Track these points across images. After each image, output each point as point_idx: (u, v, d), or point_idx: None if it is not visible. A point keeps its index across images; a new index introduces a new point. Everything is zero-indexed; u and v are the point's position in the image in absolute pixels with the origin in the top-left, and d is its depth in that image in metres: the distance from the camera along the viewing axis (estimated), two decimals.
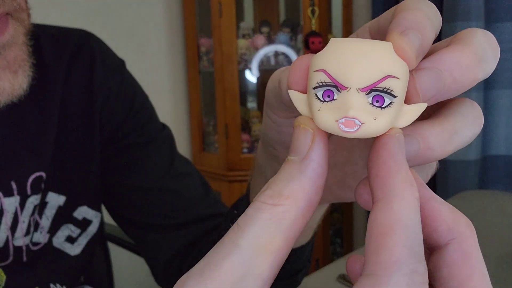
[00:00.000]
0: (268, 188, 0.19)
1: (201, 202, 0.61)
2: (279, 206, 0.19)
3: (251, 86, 1.90)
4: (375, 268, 0.17)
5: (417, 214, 0.18)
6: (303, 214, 0.19)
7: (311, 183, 0.19)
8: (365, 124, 0.19)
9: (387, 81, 0.19)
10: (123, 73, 0.62)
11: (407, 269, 0.17)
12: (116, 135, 0.59)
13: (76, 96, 0.56)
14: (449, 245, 0.19)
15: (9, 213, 0.51)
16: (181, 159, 0.63)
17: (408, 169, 0.18)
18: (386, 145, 0.19)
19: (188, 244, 0.59)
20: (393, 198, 0.18)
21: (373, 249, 0.17)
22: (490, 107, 1.24)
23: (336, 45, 0.20)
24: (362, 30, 0.25)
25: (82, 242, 0.59)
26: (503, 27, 1.21)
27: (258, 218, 0.19)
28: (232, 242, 0.18)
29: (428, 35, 0.20)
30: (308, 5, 1.59)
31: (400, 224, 0.17)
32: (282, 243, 0.19)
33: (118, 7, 1.63)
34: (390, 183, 0.18)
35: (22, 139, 0.53)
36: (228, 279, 0.18)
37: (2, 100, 0.40)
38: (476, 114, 0.22)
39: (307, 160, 0.19)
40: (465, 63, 0.20)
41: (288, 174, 0.19)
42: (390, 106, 0.19)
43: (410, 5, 0.21)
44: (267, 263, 0.18)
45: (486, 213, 1.05)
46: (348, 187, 0.30)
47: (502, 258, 0.78)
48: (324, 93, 0.19)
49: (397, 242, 0.17)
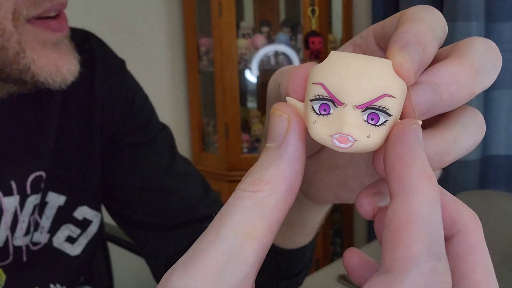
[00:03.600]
0: (248, 176, 0.20)
1: (201, 202, 0.61)
2: (259, 192, 0.19)
3: (251, 86, 1.89)
4: (391, 265, 0.16)
5: (437, 209, 0.17)
6: (285, 198, 0.19)
7: (289, 167, 0.19)
8: (358, 141, 0.19)
9: (384, 100, 0.19)
10: (123, 73, 0.62)
11: (425, 267, 0.16)
12: (116, 134, 0.59)
13: (76, 96, 0.56)
14: (454, 237, 0.19)
15: (8, 213, 0.51)
16: (181, 159, 0.63)
17: (426, 161, 0.18)
18: (401, 137, 0.18)
19: (189, 244, 0.59)
20: (410, 192, 0.17)
21: (389, 245, 0.17)
22: (490, 107, 1.24)
23: (336, 59, 0.20)
24: (366, 34, 0.25)
25: (82, 242, 0.59)
26: (503, 27, 1.21)
27: (240, 206, 0.19)
28: (215, 231, 0.18)
29: (429, 50, 0.20)
30: (308, 5, 1.59)
31: (418, 219, 0.17)
32: (265, 228, 0.19)
33: (118, 6, 1.63)
34: (407, 177, 0.17)
35: (21, 139, 0.53)
36: (213, 267, 0.18)
37: (69, 80, 0.47)
38: (477, 122, 0.22)
39: (284, 144, 0.20)
40: (462, 77, 0.19)
41: (267, 160, 0.20)
42: (384, 124, 0.19)
43: (414, 16, 0.21)
44: (252, 249, 0.18)
45: (486, 213, 1.04)
46: (350, 188, 0.30)
47: (503, 258, 0.78)
48: (320, 107, 0.20)
49: (414, 237, 0.16)
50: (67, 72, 0.47)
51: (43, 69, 0.45)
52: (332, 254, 1.88)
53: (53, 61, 0.46)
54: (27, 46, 0.44)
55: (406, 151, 0.18)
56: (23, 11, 0.43)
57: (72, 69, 0.47)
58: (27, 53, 0.44)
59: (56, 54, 0.46)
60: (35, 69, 0.45)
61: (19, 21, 0.43)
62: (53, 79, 0.46)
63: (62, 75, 0.46)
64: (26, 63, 0.44)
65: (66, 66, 0.47)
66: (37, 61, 0.44)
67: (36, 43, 0.45)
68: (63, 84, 0.47)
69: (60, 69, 0.46)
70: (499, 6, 1.20)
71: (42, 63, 0.45)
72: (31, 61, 0.44)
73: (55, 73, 0.46)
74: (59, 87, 0.46)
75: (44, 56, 0.45)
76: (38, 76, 0.45)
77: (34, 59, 0.44)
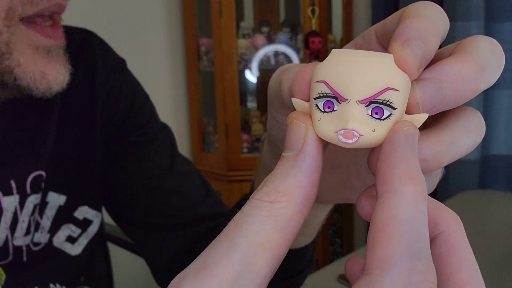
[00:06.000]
0: (265, 186, 0.19)
1: (202, 202, 0.61)
2: (276, 203, 0.19)
3: (251, 86, 1.89)
4: (370, 267, 0.16)
5: (419, 209, 0.17)
6: (300, 210, 0.19)
7: (306, 178, 0.19)
8: (364, 136, 0.19)
9: (387, 93, 0.19)
10: (124, 72, 0.62)
11: (403, 267, 0.16)
12: (116, 134, 0.59)
13: (77, 95, 0.56)
14: (436, 239, 0.19)
15: (8, 212, 0.51)
16: (182, 159, 0.63)
17: (413, 163, 0.18)
18: (391, 139, 0.19)
19: (189, 244, 0.59)
20: (390, 193, 0.17)
21: (369, 247, 0.17)
22: (490, 107, 1.24)
23: (337, 57, 0.20)
24: (367, 34, 0.25)
25: (83, 242, 0.59)
26: (503, 27, 1.21)
27: (255, 215, 0.19)
28: (230, 240, 0.18)
29: (431, 44, 0.20)
30: (308, 5, 1.59)
31: (396, 220, 0.17)
32: (279, 240, 0.18)
33: (117, 6, 1.63)
34: (389, 178, 0.18)
35: (21, 138, 0.53)
36: (225, 276, 0.18)
37: (55, 89, 0.45)
38: (476, 123, 0.21)
39: (302, 155, 0.20)
40: (467, 74, 0.19)
41: (284, 170, 0.19)
42: (389, 118, 0.19)
43: (415, 11, 0.21)
44: (265, 260, 0.18)
45: (486, 213, 1.05)
46: (353, 188, 0.30)
47: (502, 258, 0.78)
48: (324, 104, 0.20)
49: (392, 238, 0.16)
50: (53, 80, 0.45)
51: (27, 73, 0.43)
52: (332, 254, 1.88)
53: (40, 67, 0.44)
54: (17, 47, 0.42)
55: (392, 153, 0.18)
56: (18, 9, 0.41)
57: (60, 79, 0.45)
58: (13, 55, 0.42)
59: (45, 60, 0.44)
60: (19, 72, 0.43)
61: (13, 20, 0.41)
62: (37, 85, 0.44)
63: (48, 83, 0.44)
64: (9, 65, 0.42)
65: (53, 74, 0.45)
66: (23, 65, 0.42)
67: (28, 46, 0.43)
68: (47, 92, 0.44)
69: (46, 76, 0.44)
70: (499, 6, 1.20)
71: (28, 67, 0.43)
72: (16, 64, 0.42)
73: (40, 80, 0.44)
74: (43, 95, 0.45)
75: (33, 61, 0.43)
76: (20, 80, 0.43)
77: (19, 62, 0.42)
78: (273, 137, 0.31)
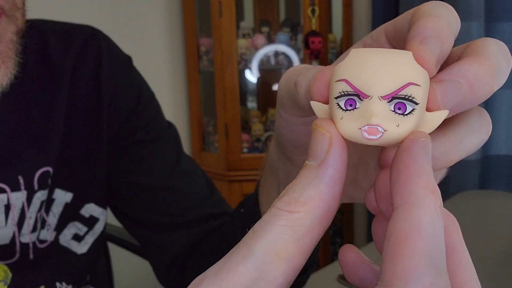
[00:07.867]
0: (286, 194, 0.19)
1: (206, 201, 0.60)
2: (295, 213, 0.19)
3: (251, 86, 1.89)
4: (391, 279, 0.16)
5: (439, 224, 0.17)
6: (320, 222, 0.19)
7: (328, 189, 0.19)
8: (388, 131, 0.19)
9: (409, 89, 0.19)
10: (130, 69, 0.61)
11: (426, 281, 0.16)
12: (122, 131, 0.59)
13: (83, 92, 0.56)
14: None
15: (16, 208, 0.51)
16: (187, 158, 0.63)
17: (431, 175, 0.18)
18: (409, 149, 0.18)
19: (193, 243, 0.59)
20: (413, 205, 0.17)
21: (389, 258, 0.17)
22: (490, 107, 1.24)
23: (356, 55, 0.20)
24: (376, 33, 0.25)
25: (89, 241, 0.59)
26: (503, 27, 1.21)
27: (274, 225, 0.18)
28: (247, 248, 0.18)
29: (447, 43, 0.20)
30: (308, 5, 1.59)
31: (420, 232, 0.16)
32: (296, 250, 0.18)
33: (118, 6, 1.63)
34: (410, 189, 0.17)
35: (29, 134, 0.53)
36: (241, 283, 0.18)
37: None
38: (483, 121, 0.22)
39: (325, 165, 0.19)
40: (483, 76, 0.20)
41: (305, 180, 0.19)
42: (412, 113, 0.19)
43: (429, 11, 0.21)
44: (280, 269, 0.18)
45: (486, 213, 1.05)
46: (360, 187, 0.31)
47: (502, 258, 0.78)
48: (346, 102, 0.19)
49: (415, 251, 0.16)
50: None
51: None
52: (332, 254, 1.88)
53: None
54: None
55: (412, 163, 0.18)
56: None
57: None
58: None
59: None
60: None
61: None
62: None
63: None
64: None
65: None
66: None
67: None
68: None
69: None
70: (499, 6, 1.20)
71: None
72: None
73: None
74: None
75: None
76: None
77: None
78: (280, 137, 0.31)
